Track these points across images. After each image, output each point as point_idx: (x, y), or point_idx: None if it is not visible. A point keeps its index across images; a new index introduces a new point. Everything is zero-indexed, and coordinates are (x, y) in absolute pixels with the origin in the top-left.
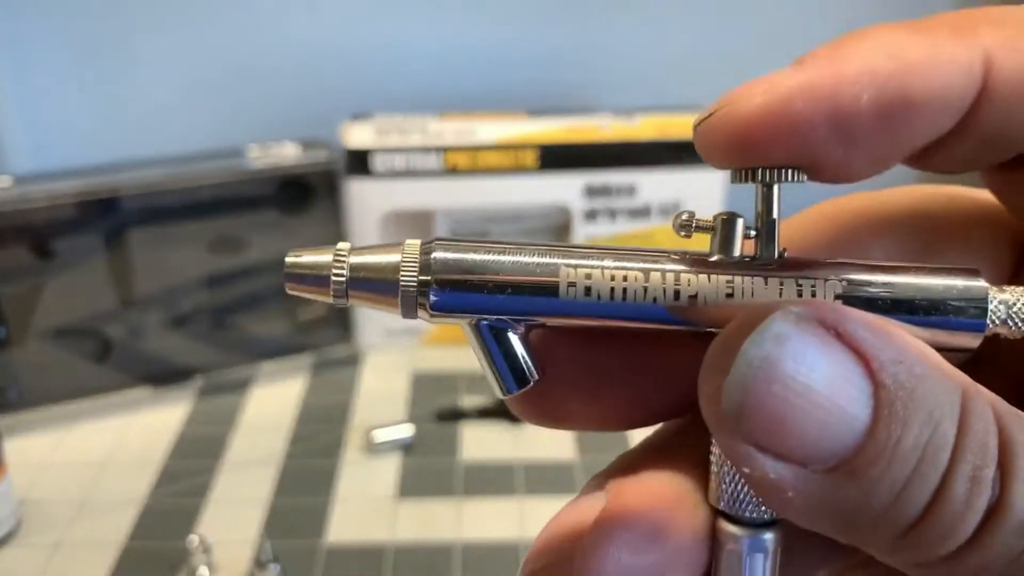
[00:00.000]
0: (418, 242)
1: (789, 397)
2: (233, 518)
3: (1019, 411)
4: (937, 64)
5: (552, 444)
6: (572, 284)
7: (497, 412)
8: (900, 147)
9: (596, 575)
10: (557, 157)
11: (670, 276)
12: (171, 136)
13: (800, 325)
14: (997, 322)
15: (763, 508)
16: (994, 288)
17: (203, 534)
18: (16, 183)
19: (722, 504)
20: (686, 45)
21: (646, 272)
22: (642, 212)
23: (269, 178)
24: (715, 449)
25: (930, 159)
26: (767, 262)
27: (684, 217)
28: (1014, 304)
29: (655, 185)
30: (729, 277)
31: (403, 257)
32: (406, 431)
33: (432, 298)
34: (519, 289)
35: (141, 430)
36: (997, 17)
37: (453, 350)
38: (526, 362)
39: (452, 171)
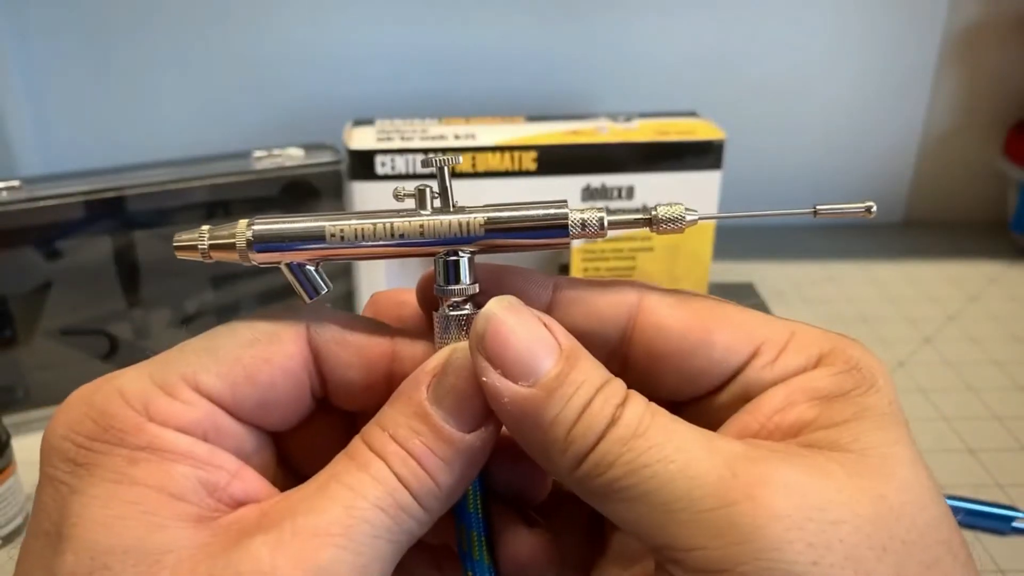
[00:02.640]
0: (246, 221)
1: (511, 334)
2: None
3: (638, 395)
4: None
5: None
6: (333, 235)
7: None
8: None
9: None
10: (556, 160)
11: (390, 224)
12: (177, 142)
13: (514, 306)
14: (577, 231)
15: None
16: (575, 210)
17: None
18: (25, 185)
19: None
20: (685, 49)
21: (375, 224)
22: None
23: (274, 180)
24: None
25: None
26: (445, 209)
27: (396, 190)
28: (587, 219)
29: (653, 188)
30: (423, 220)
31: (237, 230)
32: None
33: (254, 250)
34: (305, 241)
35: None
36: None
37: None
38: (318, 282)
39: (452, 173)
